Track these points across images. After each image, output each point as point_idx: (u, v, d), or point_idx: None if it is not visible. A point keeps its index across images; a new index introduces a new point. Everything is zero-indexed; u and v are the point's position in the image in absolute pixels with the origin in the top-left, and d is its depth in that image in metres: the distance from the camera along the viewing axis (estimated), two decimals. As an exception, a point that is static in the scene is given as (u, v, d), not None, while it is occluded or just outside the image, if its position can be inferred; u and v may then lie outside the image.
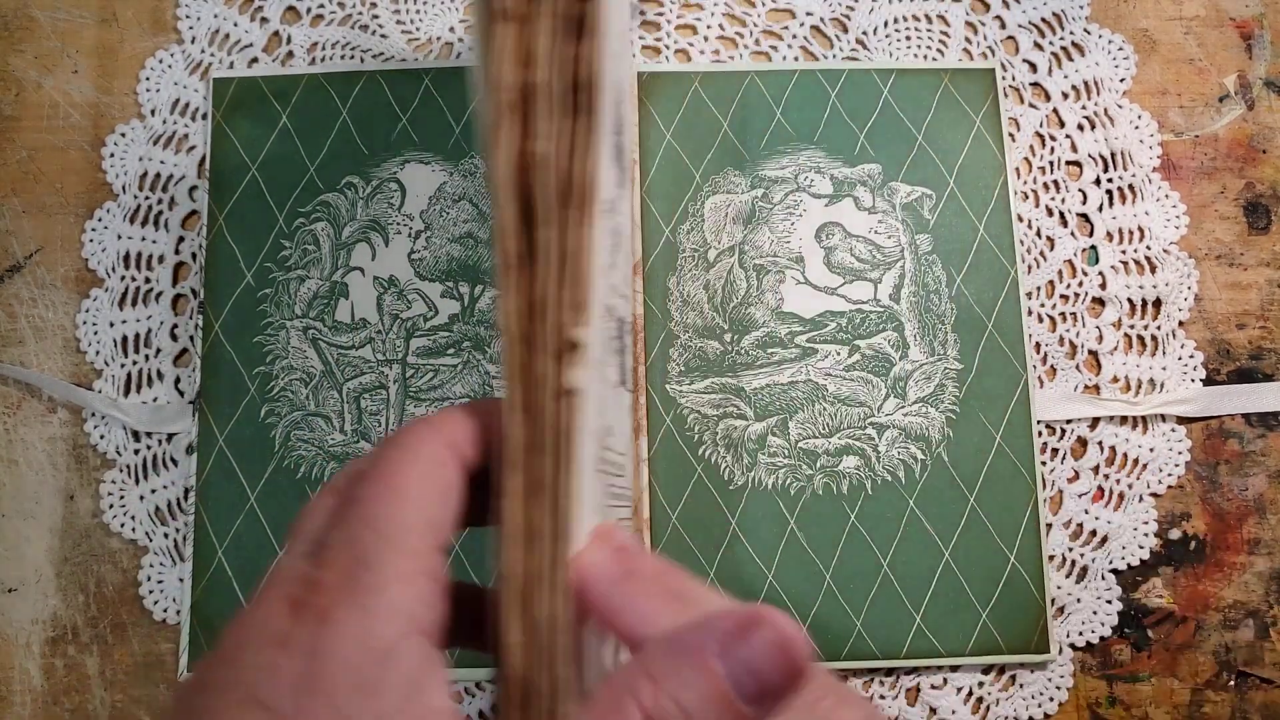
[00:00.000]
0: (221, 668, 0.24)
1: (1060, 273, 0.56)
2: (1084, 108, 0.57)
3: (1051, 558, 0.53)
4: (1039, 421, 0.54)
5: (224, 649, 0.25)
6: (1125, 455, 0.54)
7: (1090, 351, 0.55)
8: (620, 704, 0.23)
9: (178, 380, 0.55)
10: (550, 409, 0.29)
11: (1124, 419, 0.55)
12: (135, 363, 0.55)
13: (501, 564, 0.28)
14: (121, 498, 0.54)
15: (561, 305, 0.29)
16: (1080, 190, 0.57)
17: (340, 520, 0.27)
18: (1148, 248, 0.56)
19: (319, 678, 0.23)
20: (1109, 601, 0.53)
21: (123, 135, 0.57)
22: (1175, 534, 0.54)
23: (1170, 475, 0.54)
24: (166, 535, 0.54)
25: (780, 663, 0.23)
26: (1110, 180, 0.57)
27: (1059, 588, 0.53)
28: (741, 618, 0.24)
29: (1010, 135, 0.57)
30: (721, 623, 0.24)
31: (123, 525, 0.54)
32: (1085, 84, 0.58)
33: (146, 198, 0.57)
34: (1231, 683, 0.52)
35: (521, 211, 0.30)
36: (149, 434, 0.54)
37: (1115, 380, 0.55)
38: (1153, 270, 0.56)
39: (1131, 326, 0.55)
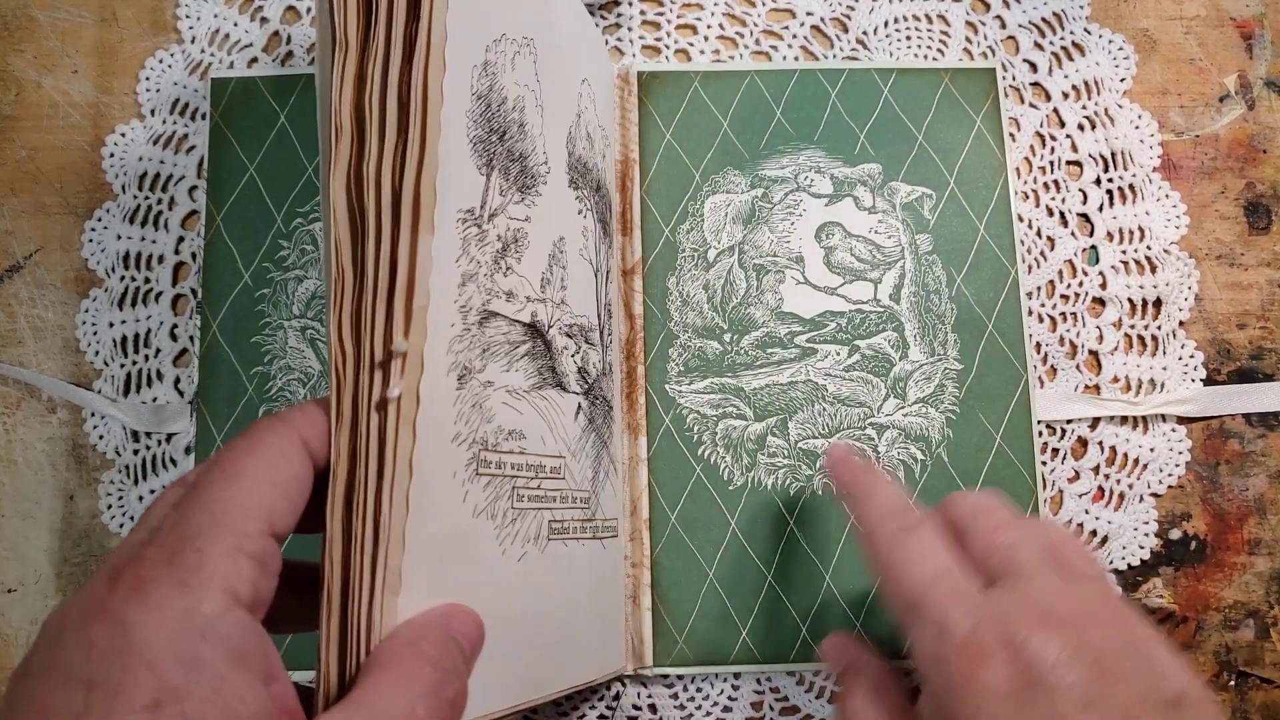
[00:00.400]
0: (43, 650, 0.25)
1: (1060, 273, 0.56)
2: (1084, 107, 0.57)
3: (1052, 558, 0.53)
4: (1039, 421, 0.54)
5: (48, 631, 0.25)
6: (1125, 455, 0.54)
7: (1090, 351, 0.55)
8: (413, 660, 0.29)
9: (177, 380, 0.55)
10: (372, 419, 0.30)
11: (1124, 419, 0.54)
12: (135, 363, 0.55)
13: (324, 567, 0.30)
14: (121, 498, 0.54)
15: (391, 316, 0.31)
16: (1080, 190, 0.57)
17: (179, 504, 0.28)
18: (1148, 248, 0.56)
19: (138, 649, 0.24)
20: (1109, 602, 0.53)
21: (123, 135, 0.57)
22: (1175, 534, 0.54)
23: (1170, 475, 0.54)
24: (166, 535, 0.54)
25: (477, 626, 0.32)
26: (1110, 180, 0.56)
27: (1059, 588, 0.53)
28: (449, 609, 0.32)
29: (1010, 135, 0.56)
30: (442, 611, 0.32)
31: (122, 525, 0.54)
32: (1085, 84, 0.58)
33: (146, 198, 0.57)
34: (1232, 683, 0.52)
35: (352, 227, 0.31)
36: (149, 434, 0.54)
37: (1116, 380, 0.55)
38: (1153, 270, 0.56)
39: (1132, 326, 0.55)
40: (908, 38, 0.58)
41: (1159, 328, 0.55)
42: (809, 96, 0.56)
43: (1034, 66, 0.58)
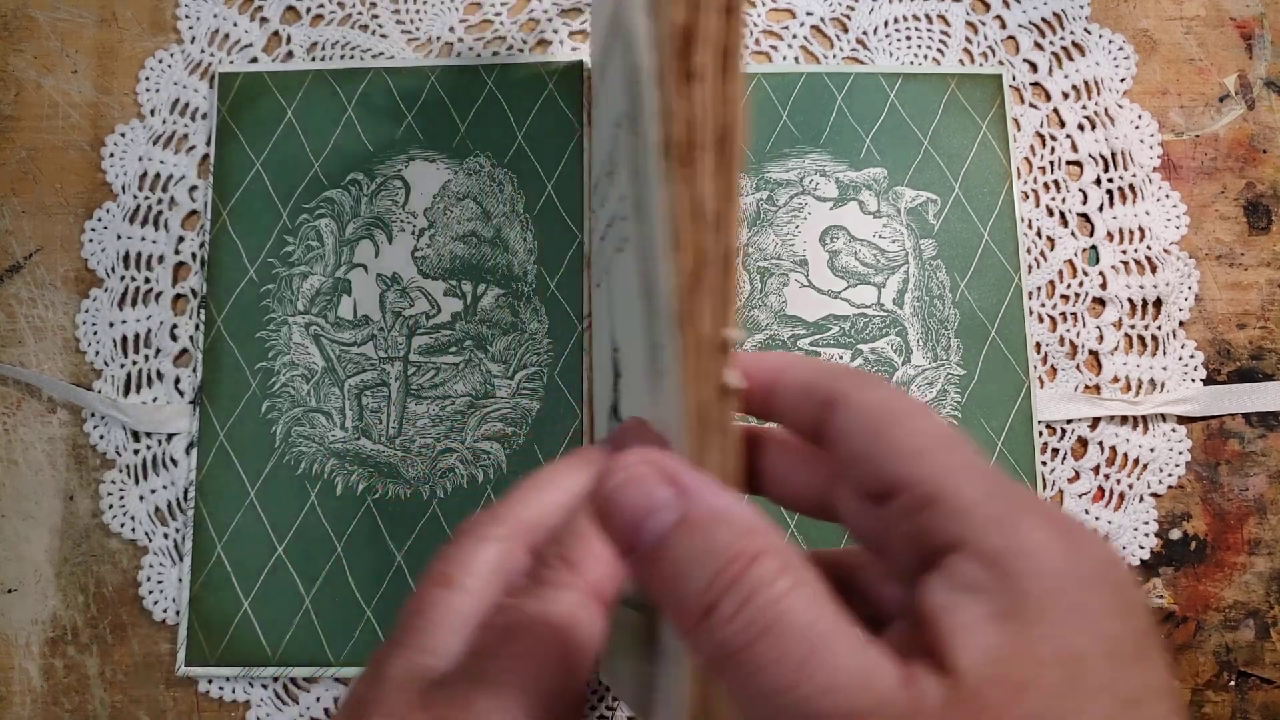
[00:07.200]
0: None
1: (1061, 273, 0.56)
2: (1084, 107, 0.57)
3: (1052, 558, 0.53)
4: (1039, 422, 0.54)
5: None
6: (1125, 455, 0.54)
7: (1091, 351, 0.55)
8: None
9: (177, 380, 0.55)
10: (718, 408, 0.27)
11: (1124, 419, 0.55)
12: (135, 363, 0.55)
13: None
14: (121, 498, 0.54)
15: (725, 304, 0.27)
16: (1081, 190, 0.57)
17: None
18: (1148, 248, 0.56)
19: None
20: (1109, 601, 0.53)
21: (122, 135, 0.57)
22: (1175, 534, 0.54)
23: (1170, 475, 0.54)
24: (166, 535, 0.54)
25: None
26: (1111, 180, 0.57)
27: (1060, 588, 0.53)
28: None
29: (1011, 135, 0.56)
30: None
31: (122, 525, 0.54)
32: (1085, 84, 0.58)
33: (146, 198, 0.56)
34: (1232, 683, 0.53)
35: (690, 209, 0.27)
36: (148, 434, 0.54)
37: (1116, 380, 0.55)
38: (1153, 270, 0.56)
39: (1132, 326, 0.55)
40: (908, 38, 0.58)
41: (1159, 328, 0.55)
42: (815, 99, 0.56)
43: (1034, 66, 0.58)
